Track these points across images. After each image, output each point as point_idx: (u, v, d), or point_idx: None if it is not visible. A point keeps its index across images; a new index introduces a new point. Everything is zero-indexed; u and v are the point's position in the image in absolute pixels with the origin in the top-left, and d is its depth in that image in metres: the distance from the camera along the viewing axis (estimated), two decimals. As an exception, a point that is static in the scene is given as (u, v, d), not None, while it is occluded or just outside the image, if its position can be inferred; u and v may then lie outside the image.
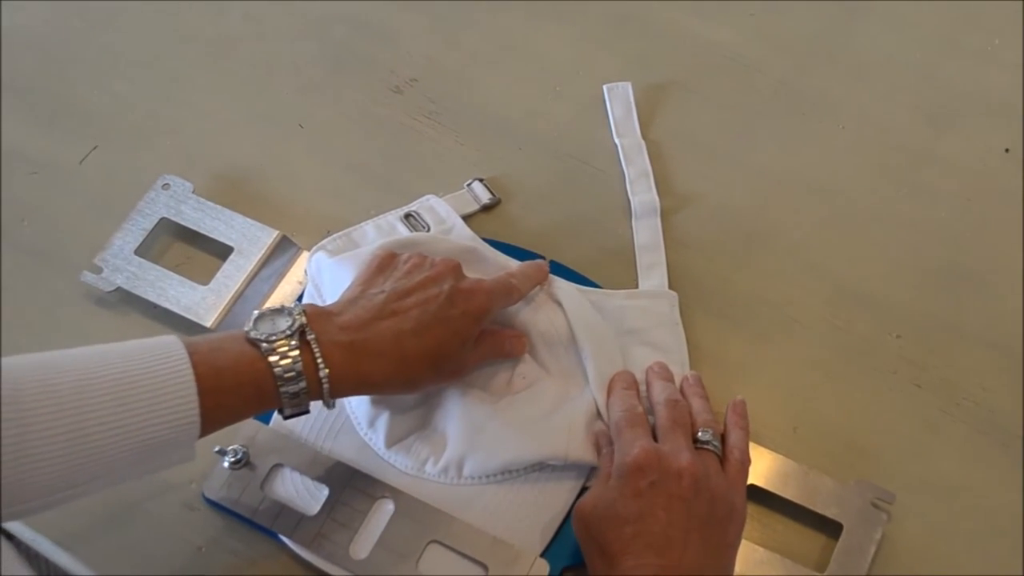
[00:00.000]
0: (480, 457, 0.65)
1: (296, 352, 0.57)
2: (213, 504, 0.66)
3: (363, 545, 0.63)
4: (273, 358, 0.56)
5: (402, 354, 0.60)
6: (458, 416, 0.67)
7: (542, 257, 0.73)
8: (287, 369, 0.56)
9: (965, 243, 0.76)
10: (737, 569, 0.62)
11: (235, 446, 0.66)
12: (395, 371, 0.60)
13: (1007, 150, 0.80)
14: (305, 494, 0.65)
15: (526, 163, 0.80)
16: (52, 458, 0.50)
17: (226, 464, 0.66)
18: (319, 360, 0.57)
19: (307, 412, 0.59)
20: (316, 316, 0.59)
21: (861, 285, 0.74)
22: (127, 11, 0.90)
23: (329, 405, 0.59)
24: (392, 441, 0.66)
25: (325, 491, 0.65)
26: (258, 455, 0.66)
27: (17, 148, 0.82)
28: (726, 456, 0.63)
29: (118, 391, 0.52)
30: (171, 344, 0.55)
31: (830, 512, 0.64)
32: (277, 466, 0.66)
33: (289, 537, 0.64)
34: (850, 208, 0.78)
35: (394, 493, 0.65)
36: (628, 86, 0.82)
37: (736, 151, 0.81)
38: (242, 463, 0.66)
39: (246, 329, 0.57)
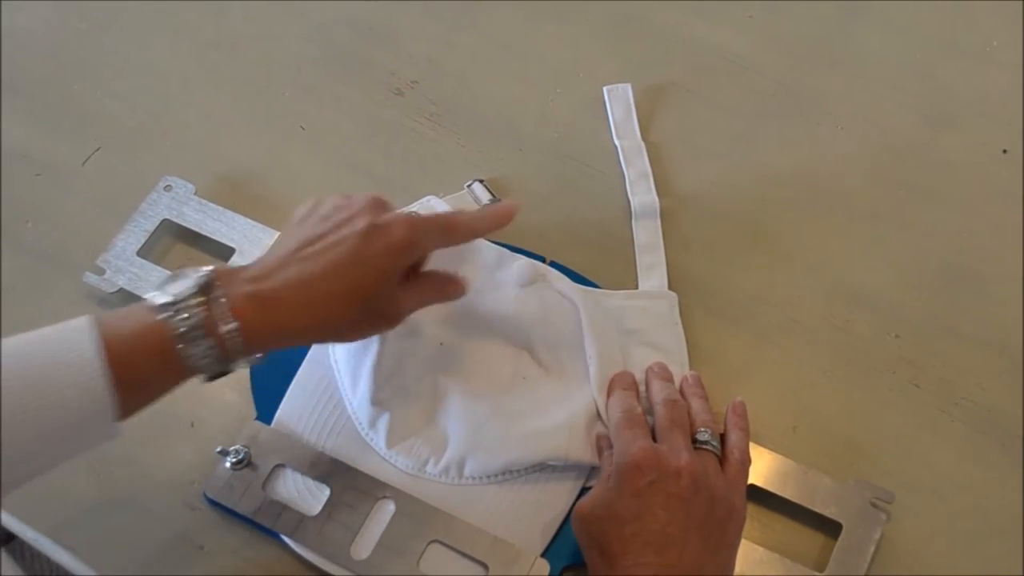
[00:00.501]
0: (481, 457, 0.65)
1: (199, 310, 0.54)
2: (214, 504, 0.66)
3: (364, 545, 0.63)
4: (175, 319, 0.54)
5: (312, 299, 0.57)
6: (459, 416, 0.67)
7: (542, 258, 0.74)
8: (191, 328, 0.54)
9: (964, 243, 0.76)
10: (737, 569, 0.62)
11: (237, 446, 0.66)
12: (310, 318, 0.57)
13: (1005, 151, 0.80)
14: (306, 494, 0.65)
15: (526, 164, 0.81)
16: None
17: (227, 464, 0.66)
18: (225, 314, 0.55)
19: (228, 372, 0.57)
20: (225, 274, 0.57)
21: (860, 285, 0.74)
22: (129, 13, 0.90)
23: (255, 361, 0.57)
24: (393, 441, 0.67)
25: (326, 491, 0.65)
26: (260, 455, 0.66)
27: (20, 149, 0.83)
28: (726, 456, 0.63)
29: (24, 378, 0.51)
30: (78, 324, 0.53)
31: (829, 512, 0.64)
32: (278, 466, 0.66)
33: (290, 537, 0.64)
34: (849, 208, 0.78)
35: (395, 493, 0.65)
36: (628, 87, 0.83)
37: (736, 152, 0.81)
38: (244, 463, 0.66)
39: (148, 296, 0.56)
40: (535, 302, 0.69)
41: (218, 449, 0.66)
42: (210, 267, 0.57)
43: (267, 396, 0.70)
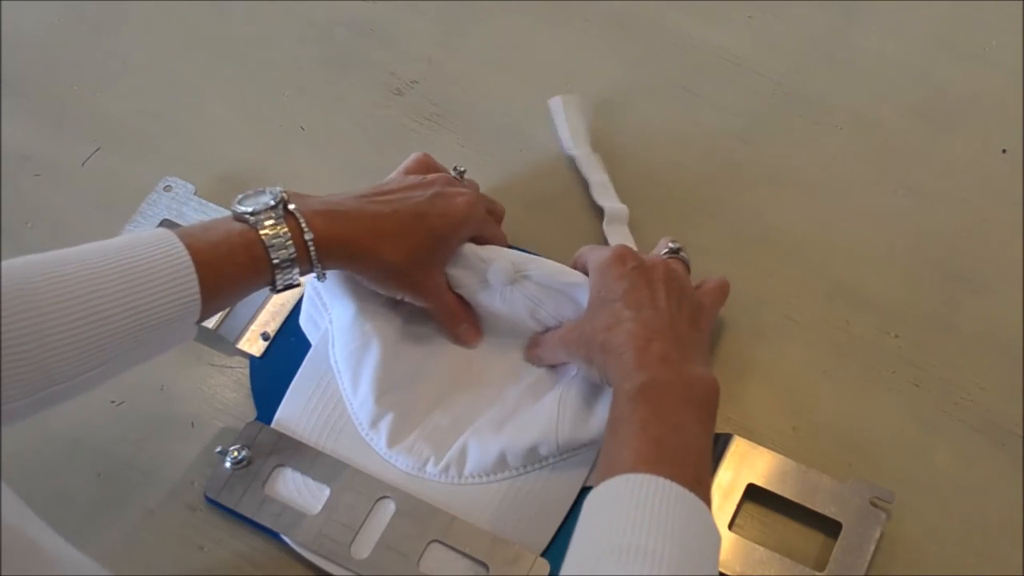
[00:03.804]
0: (477, 449, 0.65)
1: (281, 220, 0.61)
2: (215, 504, 0.66)
3: (364, 545, 0.63)
4: (262, 230, 0.60)
5: (374, 230, 0.64)
6: (459, 415, 0.67)
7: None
8: (275, 235, 0.60)
9: (963, 243, 0.76)
10: (737, 568, 0.62)
11: (237, 446, 0.66)
12: (370, 243, 0.64)
13: (1004, 151, 0.80)
14: (306, 494, 0.65)
15: (526, 164, 0.81)
16: (70, 343, 0.54)
17: (228, 464, 0.66)
18: (303, 225, 0.61)
19: (298, 285, 0.63)
20: (296, 195, 0.63)
21: (859, 285, 0.74)
22: (129, 13, 0.90)
23: (320, 276, 0.63)
24: (394, 441, 0.67)
25: (326, 491, 0.65)
26: (260, 455, 0.66)
27: (21, 150, 0.83)
28: (705, 281, 0.69)
29: (123, 276, 0.56)
30: (164, 233, 0.59)
31: (829, 511, 0.64)
32: (279, 466, 0.66)
33: (291, 537, 0.64)
34: (848, 209, 0.78)
35: (395, 493, 0.65)
36: (578, 98, 0.81)
37: (735, 153, 0.81)
38: (244, 463, 0.66)
39: (232, 208, 0.62)
40: (520, 298, 0.69)
41: (218, 449, 0.66)
42: (279, 188, 0.63)
43: (267, 396, 0.70)
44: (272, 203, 0.61)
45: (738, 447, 0.66)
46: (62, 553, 0.52)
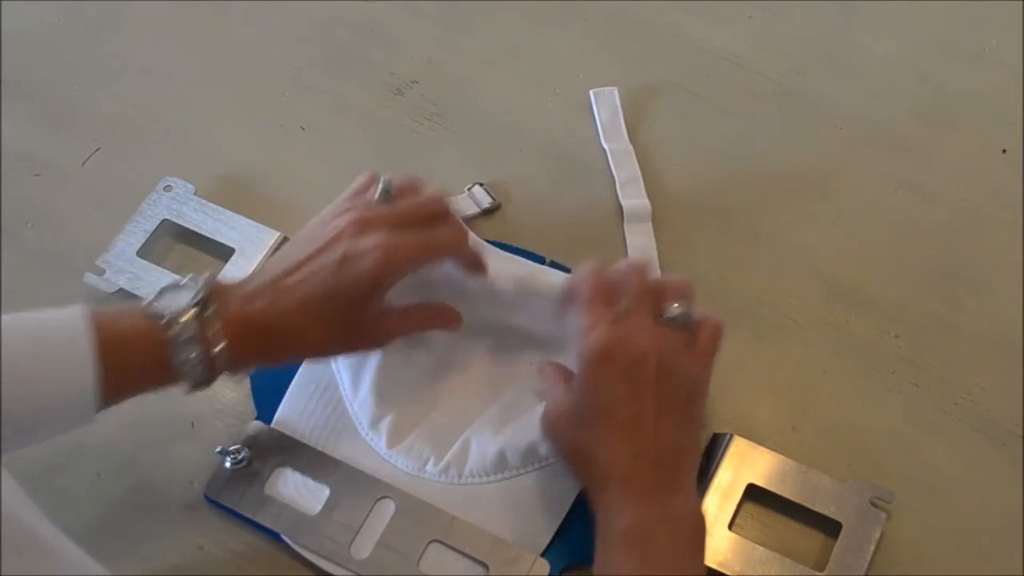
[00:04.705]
0: (478, 449, 0.65)
1: (194, 323, 0.57)
2: (215, 504, 0.66)
3: (364, 545, 0.63)
4: (171, 328, 0.57)
5: (292, 328, 0.60)
6: (460, 416, 0.67)
7: (541, 258, 0.74)
8: (184, 339, 0.57)
9: (963, 243, 0.76)
10: (737, 568, 0.62)
11: (237, 446, 0.66)
12: (291, 344, 0.61)
13: (1004, 151, 0.80)
14: (306, 494, 0.65)
15: (526, 165, 0.81)
16: None
17: (228, 464, 0.66)
18: (216, 332, 0.57)
19: (208, 385, 0.59)
20: (219, 290, 0.59)
21: (859, 285, 0.74)
22: (129, 13, 0.90)
23: (237, 378, 0.61)
24: (394, 442, 0.67)
25: (326, 491, 0.65)
26: (260, 455, 0.66)
27: (20, 150, 0.83)
28: (699, 325, 0.61)
29: (17, 362, 0.53)
30: (74, 315, 0.55)
31: (829, 511, 0.64)
32: (279, 466, 0.66)
33: (290, 537, 0.64)
34: (848, 209, 0.78)
35: (395, 493, 0.65)
36: (615, 91, 0.82)
37: (734, 152, 0.81)
38: (243, 463, 0.66)
39: (149, 300, 0.58)
40: (525, 304, 0.69)
41: (218, 449, 0.66)
42: (207, 276, 0.59)
43: (267, 396, 0.70)
44: (190, 303, 0.57)
45: (738, 447, 0.66)
46: (60, 543, 0.52)
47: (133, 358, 0.56)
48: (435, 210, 0.64)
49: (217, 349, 0.57)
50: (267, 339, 0.59)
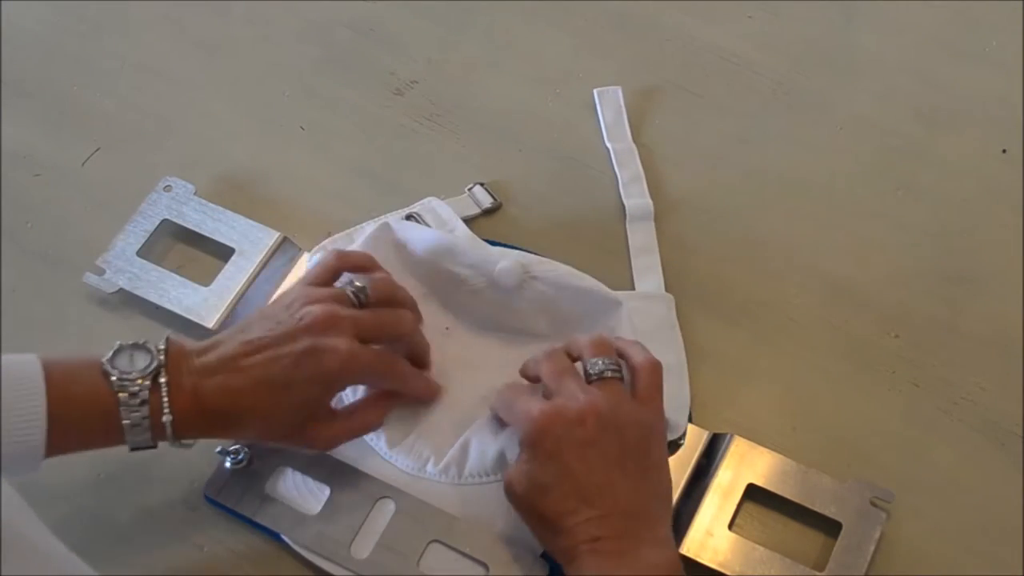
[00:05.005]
0: (476, 451, 0.65)
1: (146, 392, 0.57)
2: (215, 504, 0.66)
3: (364, 544, 0.63)
4: (122, 393, 0.57)
5: (239, 410, 0.59)
6: (460, 416, 0.67)
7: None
8: (134, 405, 0.57)
9: (963, 243, 0.76)
10: (737, 568, 0.62)
11: (237, 446, 0.66)
12: (229, 429, 0.61)
13: (1004, 151, 0.80)
14: (306, 494, 0.65)
15: (526, 165, 0.81)
16: None
17: (228, 464, 0.66)
18: (163, 404, 0.57)
19: (154, 447, 0.59)
20: (176, 358, 0.59)
21: (859, 285, 0.74)
22: (129, 13, 0.90)
23: (185, 446, 0.60)
24: (394, 442, 0.67)
25: (326, 491, 0.65)
26: (260, 455, 0.66)
27: (20, 150, 0.83)
28: (635, 371, 0.62)
29: None
30: (28, 371, 0.55)
31: (829, 511, 0.64)
32: (279, 466, 0.66)
33: (290, 537, 0.64)
34: (848, 209, 0.78)
35: (395, 493, 0.65)
36: (618, 90, 0.82)
37: (734, 153, 0.81)
38: (243, 463, 0.66)
39: (104, 360, 0.58)
40: (526, 300, 0.69)
41: (218, 449, 0.66)
42: (167, 339, 0.59)
43: (267, 396, 0.69)
44: (145, 370, 0.57)
45: (738, 447, 0.66)
46: (51, 547, 0.52)
47: (83, 416, 0.57)
48: (403, 332, 0.65)
49: (164, 419, 0.57)
50: (212, 420, 0.59)
